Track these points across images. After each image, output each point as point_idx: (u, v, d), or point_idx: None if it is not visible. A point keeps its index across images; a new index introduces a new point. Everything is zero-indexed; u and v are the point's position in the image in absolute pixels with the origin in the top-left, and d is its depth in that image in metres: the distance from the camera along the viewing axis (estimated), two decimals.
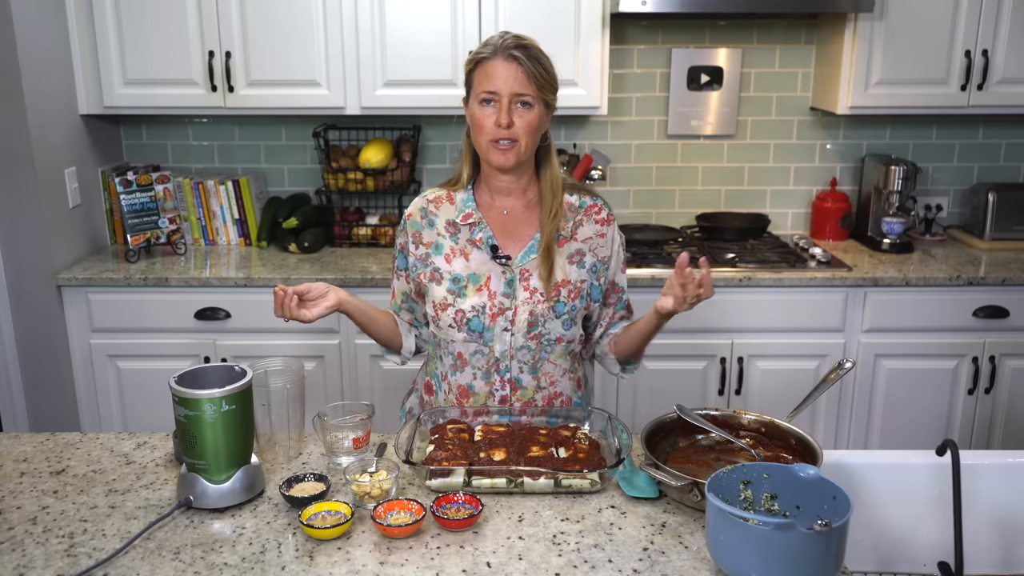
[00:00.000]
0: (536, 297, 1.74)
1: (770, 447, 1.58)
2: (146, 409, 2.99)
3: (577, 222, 1.80)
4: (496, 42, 1.70)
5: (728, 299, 2.92)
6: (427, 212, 1.83)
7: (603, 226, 1.82)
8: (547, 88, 1.71)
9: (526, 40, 1.71)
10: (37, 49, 2.81)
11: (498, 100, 1.68)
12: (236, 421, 1.43)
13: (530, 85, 1.68)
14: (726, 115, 3.39)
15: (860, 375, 2.99)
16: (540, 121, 1.72)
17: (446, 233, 1.80)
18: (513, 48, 1.68)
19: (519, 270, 1.75)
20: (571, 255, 1.78)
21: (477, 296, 1.75)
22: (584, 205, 1.82)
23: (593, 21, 2.97)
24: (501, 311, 1.74)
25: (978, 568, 1.62)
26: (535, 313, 1.74)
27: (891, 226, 3.19)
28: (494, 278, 1.75)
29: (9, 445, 1.69)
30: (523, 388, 1.78)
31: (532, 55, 1.69)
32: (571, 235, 1.79)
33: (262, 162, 3.46)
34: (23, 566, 1.29)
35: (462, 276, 1.76)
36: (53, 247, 2.90)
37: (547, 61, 1.72)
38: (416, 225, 1.83)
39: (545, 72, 1.70)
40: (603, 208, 1.83)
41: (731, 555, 1.21)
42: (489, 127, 1.69)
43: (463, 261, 1.77)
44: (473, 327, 1.75)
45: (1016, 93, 3.06)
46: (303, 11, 2.96)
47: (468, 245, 1.78)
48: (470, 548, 1.33)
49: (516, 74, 1.67)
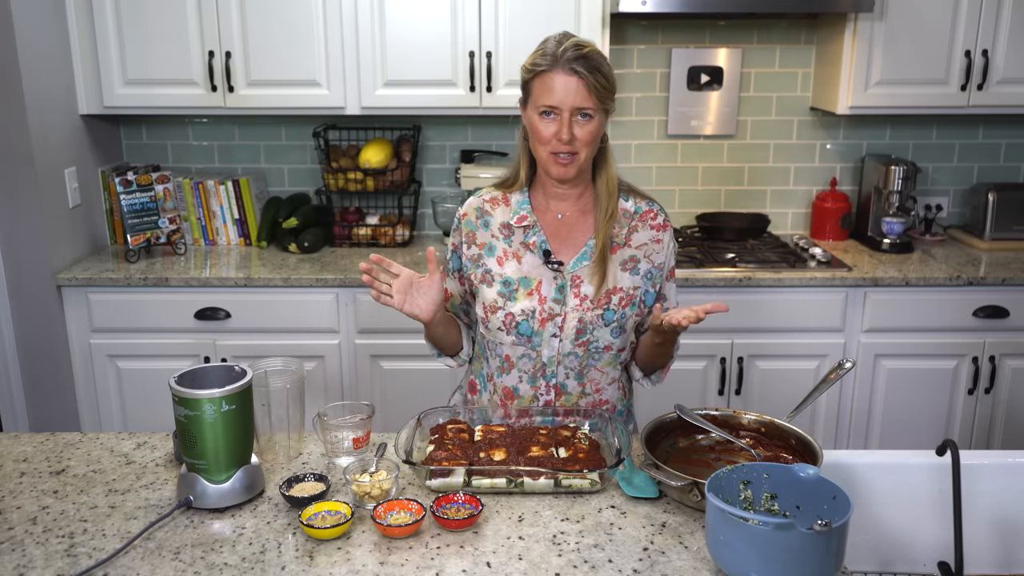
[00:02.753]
0: (586, 304, 1.72)
1: (770, 447, 1.58)
2: (146, 409, 2.99)
3: (632, 228, 1.77)
4: (555, 51, 1.63)
5: (728, 299, 2.92)
6: (483, 212, 1.79)
7: (659, 232, 1.79)
8: (608, 97, 1.66)
9: (586, 48, 1.64)
10: (37, 49, 2.81)
11: (559, 113, 1.64)
12: (236, 421, 1.43)
13: (591, 98, 1.63)
14: (726, 115, 3.39)
15: (860, 375, 2.99)
16: (599, 130, 1.68)
17: (500, 235, 1.77)
18: (574, 60, 1.61)
19: (571, 276, 1.73)
20: (624, 262, 1.75)
21: (528, 300, 1.72)
22: (640, 211, 1.79)
23: (593, 21, 2.97)
24: (551, 317, 1.72)
25: (978, 568, 1.62)
26: (584, 320, 1.71)
27: (891, 226, 3.19)
28: (545, 283, 1.73)
29: (9, 445, 1.69)
30: (568, 394, 1.77)
31: (593, 65, 1.63)
32: (625, 241, 1.76)
33: (262, 162, 3.46)
34: (23, 566, 1.29)
35: (513, 279, 1.74)
36: (53, 247, 2.90)
37: (607, 68, 1.66)
38: (471, 225, 1.79)
39: (607, 81, 1.65)
40: (659, 213, 1.80)
41: (731, 555, 1.21)
42: (549, 139, 1.66)
43: (515, 264, 1.75)
44: (522, 331, 1.73)
45: (1016, 93, 3.06)
46: (303, 11, 2.96)
47: (521, 248, 1.75)
48: (470, 548, 1.33)
49: (577, 88, 1.62)
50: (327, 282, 2.88)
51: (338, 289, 2.91)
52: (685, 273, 2.90)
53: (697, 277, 2.89)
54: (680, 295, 2.86)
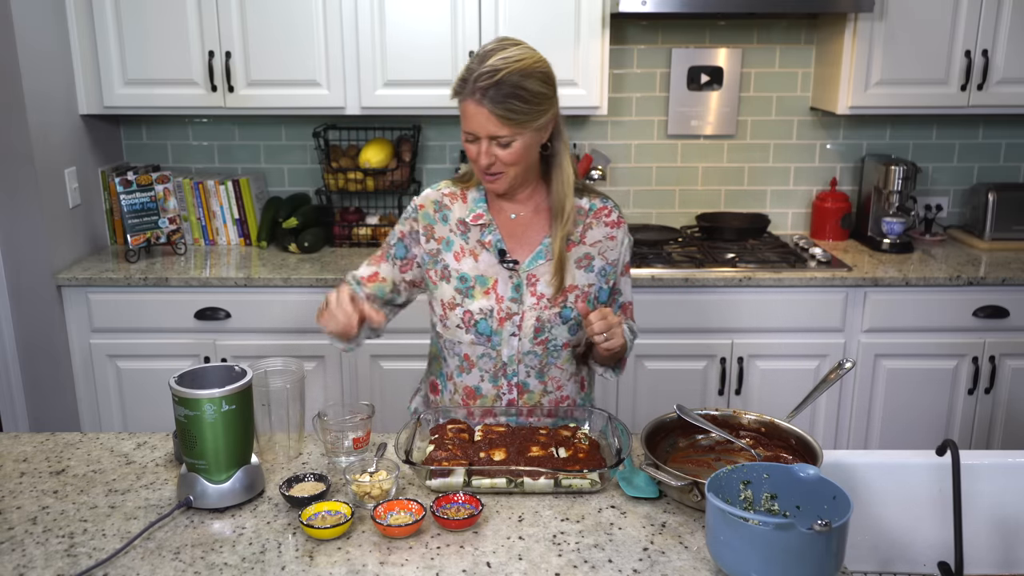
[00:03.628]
0: (543, 303, 1.73)
1: (770, 447, 1.58)
2: (146, 409, 2.99)
3: (587, 225, 1.77)
4: (470, 76, 1.60)
5: (728, 299, 2.92)
6: (441, 206, 1.79)
7: (613, 228, 1.79)
8: (529, 120, 1.62)
9: (502, 71, 1.57)
10: (37, 49, 2.81)
11: (478, 139, 1.64)
12: (236, 421, 1.43)
13: (504, 127, 1.60)
14: (726, 115, 3.39)
15: (860, 375, 2.99)
16: (527, 148, 1.66)
17: (457, 231, 1.78)
18: (483, 91, 1.58)
19: (526, 275, 1.74)
20: (579, 259, 1.76)
21: (485, 299, 1.73)
22: (594, 208, 1.79)
23: (593, 21, 2.96)
24: (509, 316, 1.73)
25: (978, 568, 1.62)
26: (542, 319, 1.72)
27: (891, 226, 3.19)
28: (501, 282, 1.74)
29: (9, 445, 1.69)
30: (530, 392, 1.78)
31: (505, 93, 1.57)
32: (580, 239, 1.77)
33: (262, 162, 3.46)
34: (23, 566, 1.29)
35: (470, 276, 1.75)
36: (53, 247, 2.90)
37: (530, 87, 1.60)
38: (428, 218, 1.79)
39: (524, 105, 1.59)
40: (613, 211, 1.80)
41: (731, 555, 1.21)
42: (474, 160, 1.68)
43: (472, 261, 1.76)
44: (481, 330, 1.73)
45: (1016, 93, 3.06)
46: (303, 11, 2.96)
47: (477, 246, 1.76)
48: (470, 548, 1.33)
49: (488, 119, 1.60)
50: (327, 282, 2.88)
51: None
52: (685, 273, 2.90)
53: (697, 277, 2.89)
54: (680, 295, 2.91)
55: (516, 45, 1.65)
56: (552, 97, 1.67)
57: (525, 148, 1.66)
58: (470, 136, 1.65)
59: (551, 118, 1.68)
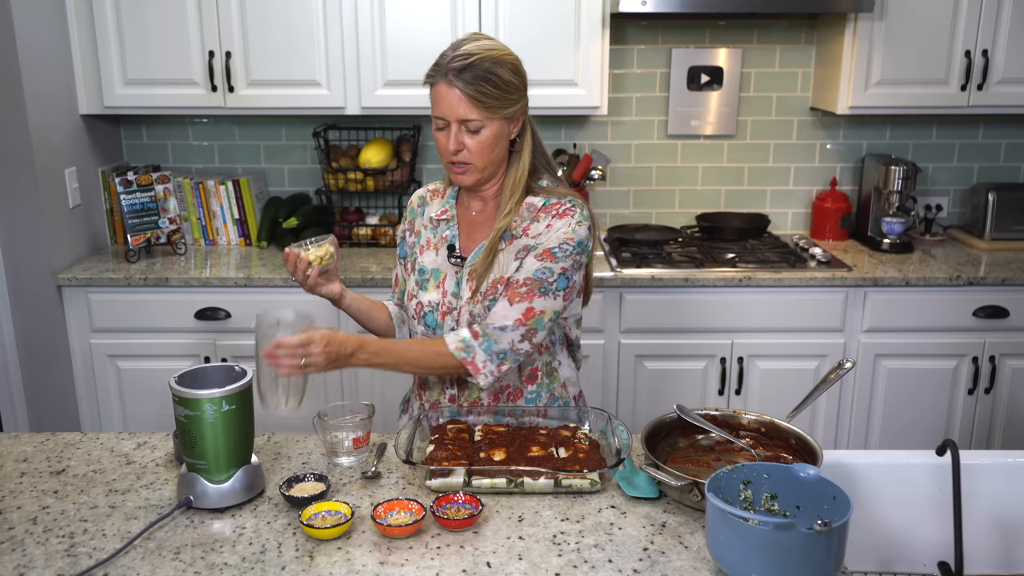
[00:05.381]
0: (477, 296, 1.73)
1: (770, 447, 1.58)
2: (146, 409, 2.99)
3: (534, 218, 1.73)
4: (443, 61, 1.63)
5: (728, 299, 2.92)
6: (423, 201, 1.88)
7: (556, 219, 1.70)
8: (499, 106, 1.63)
9: (475, 55, 1.61)
10: (37, 49, 2.81)
11: (448, 125, 1.65)
12: (236, 421, 1.43)
13: (475, 110, 1.62)
14: (726, 115, 3.39)
15: (860, 375, 2.99)
16: (496, 139, 1.66)
17: (429, 225, 1.84)
18: (456, 72, 1.60)
19: (468, 270, 1.75)
20: (517, 252, 1.72)
21: (435, 292, 1.77)
22: (547, 203, 1.73)
23: (593, 21, 2.96)
24: (450, 310, 1.75)
25: (978, 568, 1.62)
26: (473, 313, 1.73)
27: (891, 226, 3.19)
28: (449, 277, 1.77)
29: (9, 445, 1.69)
30: (469, 388, 1.79)
31: (477, 75, 1.60)
32: (522, 232, 1.73)
33: (262, 162, 3.46)
34: (23, 566, 1.29)
35: (427, 269, 1.80)
36: (53, 247, 2.90)
37: (501, 74, 1.62)
38: (413, 213, 1.88)
39: (495, 90, 1.61)
40: (564, 203, 1.72)
41: (731, 555, 1.21)
42: (443, 150, 1.68)
43: (432, 255, 1.80)
44: (428, 322, 1.78)
45: (1016, 93, 3.06)
46: (303, 11, 2.96)
47: (441, 241, 1.81)
48: (470, 548, 1.33)
49: (459, 100, 1.61)
50: None
51: None
52: (685, 273, 2.90)
53: (697, 277, 2.89)
54: (680, 295, 2.91)
55: (488, 38, 1.69)
56: (522, 89, 1.69)
57: (494, 138, 1.67)
58: (440, 122, 1.67)
59: (520, 111, 1.70)
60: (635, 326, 2.91)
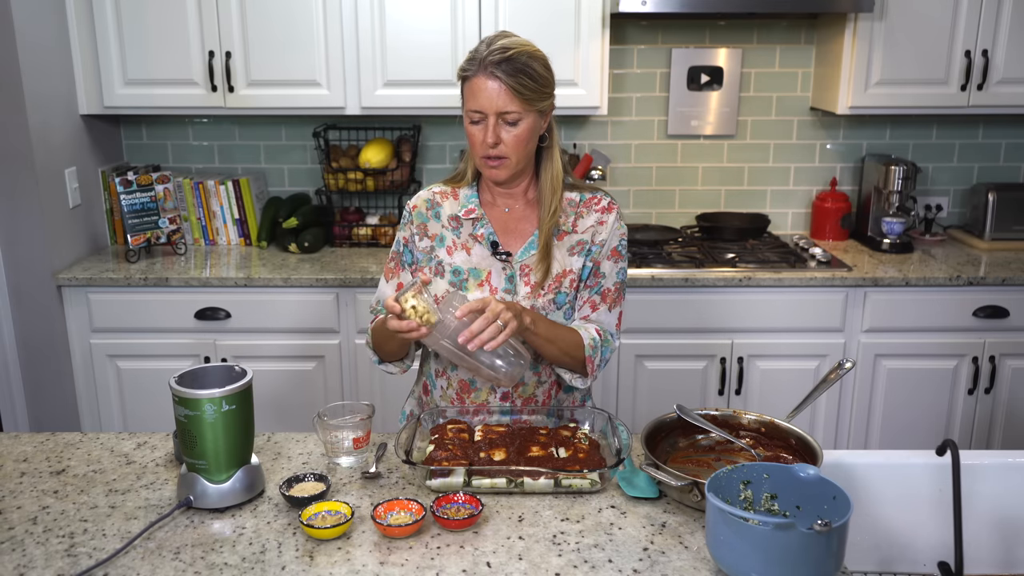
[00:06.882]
0: (537, 291, 1.74)
1: (770, 447, 1.58)
2: (146, 409, 3.00)
3: (578, 214, 1.78)
4: (480, 55, 1.64)
5: (728, 299, 2.92)
6: (433, 204, 1.81)
7: (603, 214, 1.79)
8: (536, 99, 1.66)
9: (512, 49, 1.64)
10: (37, 49, 2.81)
11: (484, 118, 1.66)
12: (236, 421, 1.43)
13: (515, 102, 1.63)
14: (726, 115, 3.39)
15: (860, 375, 2.99)
16: (531, 132, 1.69)
17: (449, 226, 1.79)
18: (495, 64, 1.62)
19: (519, 266, 1.75)
20: (572, 247, 1.77)
21: (479, 291, 1.74)
22: (584, 198, 1.80)
23: (593, 21, 2.97)
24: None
25: (978, 568, 1.62)
26: (536, 307, 1.73)
27: (891, 226, 3.19)
28: (495, 273, 1.75)
29: (9, 445, 1.69)
30: (524, 384, 1.78)
31: (517, 67, 1.63)
32: (572, 228, 1.78)
33: (262, 162, 3.46)
34: (23, 566, 1.29)
35: (463, 269, 1.76)
36: (53, 247, 2.90)
37: (537, 68, 1.66)
38: (422, 217, 1.80)
39: (532, 83, 1.64)
40: (603, 198, 1.81)
41: (731, 555, 1.21)
42: (479, 144, 1.68)
43: (464, 255, 1.77)
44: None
45: (1016, 93, 3.06)
46: (303, 11, 2.96)
47: (470, 240, 1.77)
48: (470, 548, 1.33)
49: (500, 92, 1.63)
50: (327, 282, 2.88)
51: (338, 289, 2.91)
52: (685, 273, 2.90)
53: (697, 277, 2.89)
54: (680, 295, 2.91)
55: (517, 36, 1.71)
56: (553, 85, 1.72)
57: (529, 131, 1.68)
58: (477, 115, 1.66)
59: (551, 106, 1.73)
60: (635, 326, 2.91)
